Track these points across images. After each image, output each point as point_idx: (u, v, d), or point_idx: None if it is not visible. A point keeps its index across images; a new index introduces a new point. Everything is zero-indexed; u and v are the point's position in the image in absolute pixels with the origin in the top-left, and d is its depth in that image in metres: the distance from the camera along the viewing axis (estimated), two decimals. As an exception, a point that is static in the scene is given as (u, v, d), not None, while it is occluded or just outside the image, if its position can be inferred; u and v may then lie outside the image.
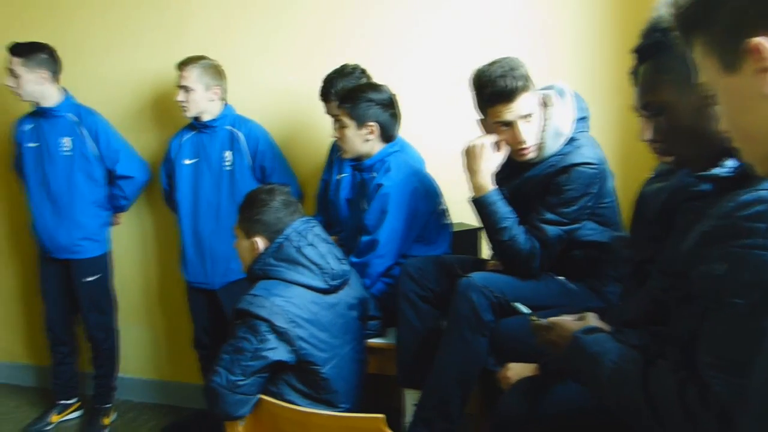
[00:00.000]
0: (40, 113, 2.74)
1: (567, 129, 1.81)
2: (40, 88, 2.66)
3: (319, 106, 2.49)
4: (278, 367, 1.67)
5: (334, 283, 1.77)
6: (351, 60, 2.47)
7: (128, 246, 3.08)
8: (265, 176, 2.65)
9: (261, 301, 1.64)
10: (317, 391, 1.72)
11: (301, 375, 1.70)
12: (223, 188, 2.63)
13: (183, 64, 2.56)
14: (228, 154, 2.63)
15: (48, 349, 3.04)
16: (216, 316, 2.72)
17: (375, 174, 2.13)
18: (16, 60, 2.60)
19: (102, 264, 2.89)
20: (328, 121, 2.40)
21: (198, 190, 2.65)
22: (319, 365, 1.69)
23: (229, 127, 2.63)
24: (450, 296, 1.79)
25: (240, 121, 2.65)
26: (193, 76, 2.54)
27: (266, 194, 1.80)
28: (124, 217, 3.00)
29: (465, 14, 2.55)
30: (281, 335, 1.63)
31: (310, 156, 2.82)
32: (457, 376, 1.74)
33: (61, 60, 2.73)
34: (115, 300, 2.99)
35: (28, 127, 2.79)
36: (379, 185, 2.08)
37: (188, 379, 3.10)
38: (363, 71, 2.44)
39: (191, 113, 2.59)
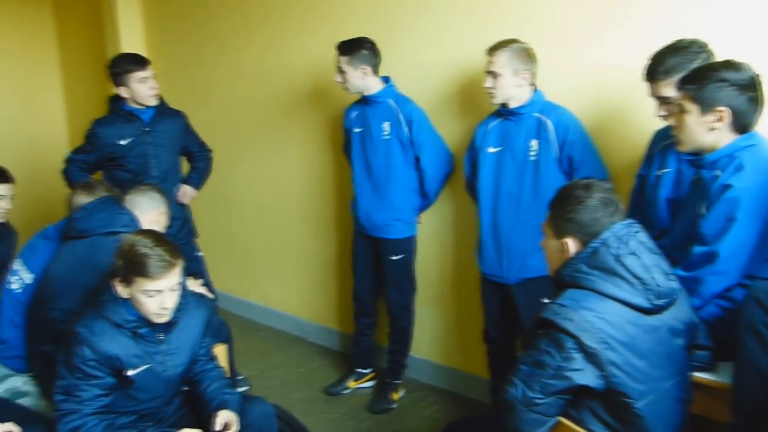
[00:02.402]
0: (364, 101, 2.94)
1: None
2: (363, 82, 2.86)
3: (636, 89, 2.14)
4: (582, 391, 1.44)
5: (659, 302, 1.47)
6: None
7: (427, 230, 3.14)
8: (573, 169, 2.41)
9: (569, 312, 1.43)
10: (627, 427, 1.45)
11: (609, 405, 1.45)
12: (525, 179, 2.46)
13: (492, 49, 2.45)
14: (534, 143, 2.45)
15: (353, 318, 3.29)
16: (508, 311, 2.60)
17: (719, 172, 1.72)
18: (342, 59, 2.83)
19: (408, 246, 3.02)
20: (647, 106, 2.05)
21: (500, 179, 2.54)
22: (633, 398, 1.41)
23: (537, 114, 2.45)
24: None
25: (549, 108, 2.45)
26: (502, 61, 2.42)
27: (583, 190, 1.57)
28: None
29: None
30: (590, 356, 1.40)
31: (623, 147, 2.48)
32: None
33: (380, 52, 2.88)
34: (416, 281, 3.09)
35: (354, 113, 3.02)
36: (726, 186, 1.68)
37: (474, 371, 3.06)
38: (702, 46, 2.01)
39: (498, 99, 2.48)
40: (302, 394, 3.27)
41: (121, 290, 1.82)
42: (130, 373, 1.84)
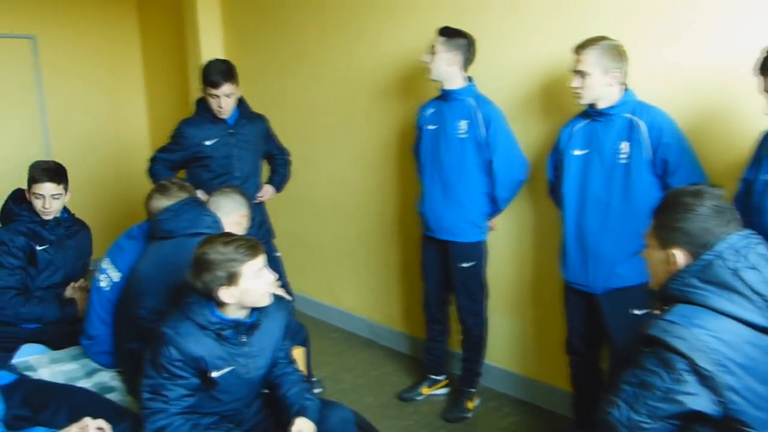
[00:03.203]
0: (442, 96, 2.87)
1: None
2: (448, 70, 2.78)
3: (739, 87, 1.99)
4: (695, 416, 1.33)
5: (782, 321, 1.34)
6: None
7: (504, 235, 3.05)
8: (667, 172, 2.26)
9: (679, 330, 1.32)
10: (744, 457, 1.33)
11: (724, 433, 1.34)
12: (615, 183, 2.33)
13: (580, 47, 2.34)
14: (624, 145, 2.31)
15: (425, 324, 3.22)
16: (593, 322, 2.47)
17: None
18: (439, 39, 2.77)
19: (478, 250, 2.92)
20: (751, 104, 1.89)
21: (586, 183, 2.41)
22: (754, 428, 1.29)
23: (627, 115, 2.32)
24: None
25: (642, 108, 2.31)
26: (591, 59, 2.30)
27: (692, 197, 1.45)
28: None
29: None
30: (705, 379, 1.29)
31: (723, 150, 2.32)
32: None
33: (475, 53, 2.81)
34: (487, 288, 2.99)
35: (429, 111, 2.96)
36: None
37: (554, 382, 2.94)
38: None
39: (586, 100, 2.36)
40: (375, 398, 3.24)
41: (229, 297, 1.83)
42: (214, 374, 1.85)
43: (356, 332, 4.08)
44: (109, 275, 2.48)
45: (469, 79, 2.85)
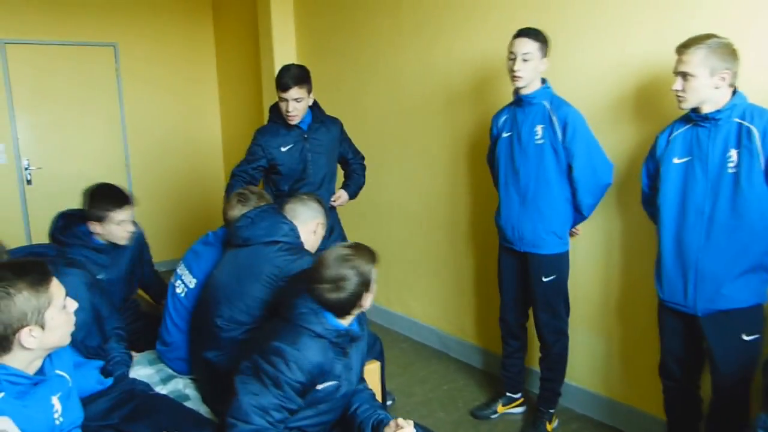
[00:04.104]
0: (516, 101, 2.72)
1: None
2: (537, 76, 2.62)
3: None
4: None
5: None
6: None
7: (589, 246, 2.87)
8: (785, 184, 2.05)
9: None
10: None
11: None
12: (721, 195, 2.12)
13: (684, 47, 2.14)
14: (733, 153, 2.10)
15: (499, 338, 3.08)
16: (693, 345, 2.27)
17: None
18: (531, 43, 2.56)
19: (560, 263, 2.74)
20: None
21: (687, 194, 2.21)
22: None
23: (738, 120, 2.10)
24: None
25: (755, 113, 2.09)
26: (696, 60, 2.10)
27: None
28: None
29: None
30: None
31: None
32: None
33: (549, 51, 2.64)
34: (569, 303, 2.82)
35: (503, 118, 2.81)
36: None
37: (643, 406, 2.74)
38: None
39: (689, 104, 2.16)
40: (447, 414, 3.12)
41: (368, 302, 1.90)
42: (319, 386, 1.80)
43: (427, 343, 3.97)
44: (184, 282, 2.47)
45: (543, 80, 2.68)
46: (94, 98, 5.48)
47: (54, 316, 1.46)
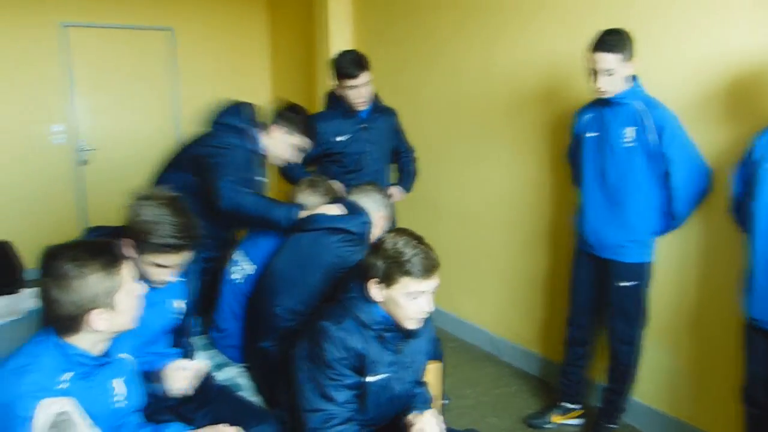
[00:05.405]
0: (603, 101, 2.54)
1: None
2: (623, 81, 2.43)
3: None
4: None
5: None
6: None
7: (665, 255, 2.68)
8: None
9: None
10: None
11: None
12: (826, 205, 1.95)
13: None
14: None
15: (562, 345, 2.93)
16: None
17: None
18: (610, 57, 2.36)
19: (642, 272, 2.57)
20: None
21: (787, 204, 2.04)
22: None
23: None
24: None
25: None
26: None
27: None
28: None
29: None
30: None
31: None
32: None
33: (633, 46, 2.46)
34: (647, 314, 2.64)
35: (588, 116, 2.64)
36: None
37: (714, 431, 2.56)
38: None
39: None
40: (499, 420, 2.99)
41: (376, 293, 1.70)
42: (369, 379, 1.71)
43: (476, 344, 3.84)
44: (242, 267, 2.41)
45: (633, 78, 2.49)
46: (150, 82, 5.51)
47: (123, 299, 1.41)
